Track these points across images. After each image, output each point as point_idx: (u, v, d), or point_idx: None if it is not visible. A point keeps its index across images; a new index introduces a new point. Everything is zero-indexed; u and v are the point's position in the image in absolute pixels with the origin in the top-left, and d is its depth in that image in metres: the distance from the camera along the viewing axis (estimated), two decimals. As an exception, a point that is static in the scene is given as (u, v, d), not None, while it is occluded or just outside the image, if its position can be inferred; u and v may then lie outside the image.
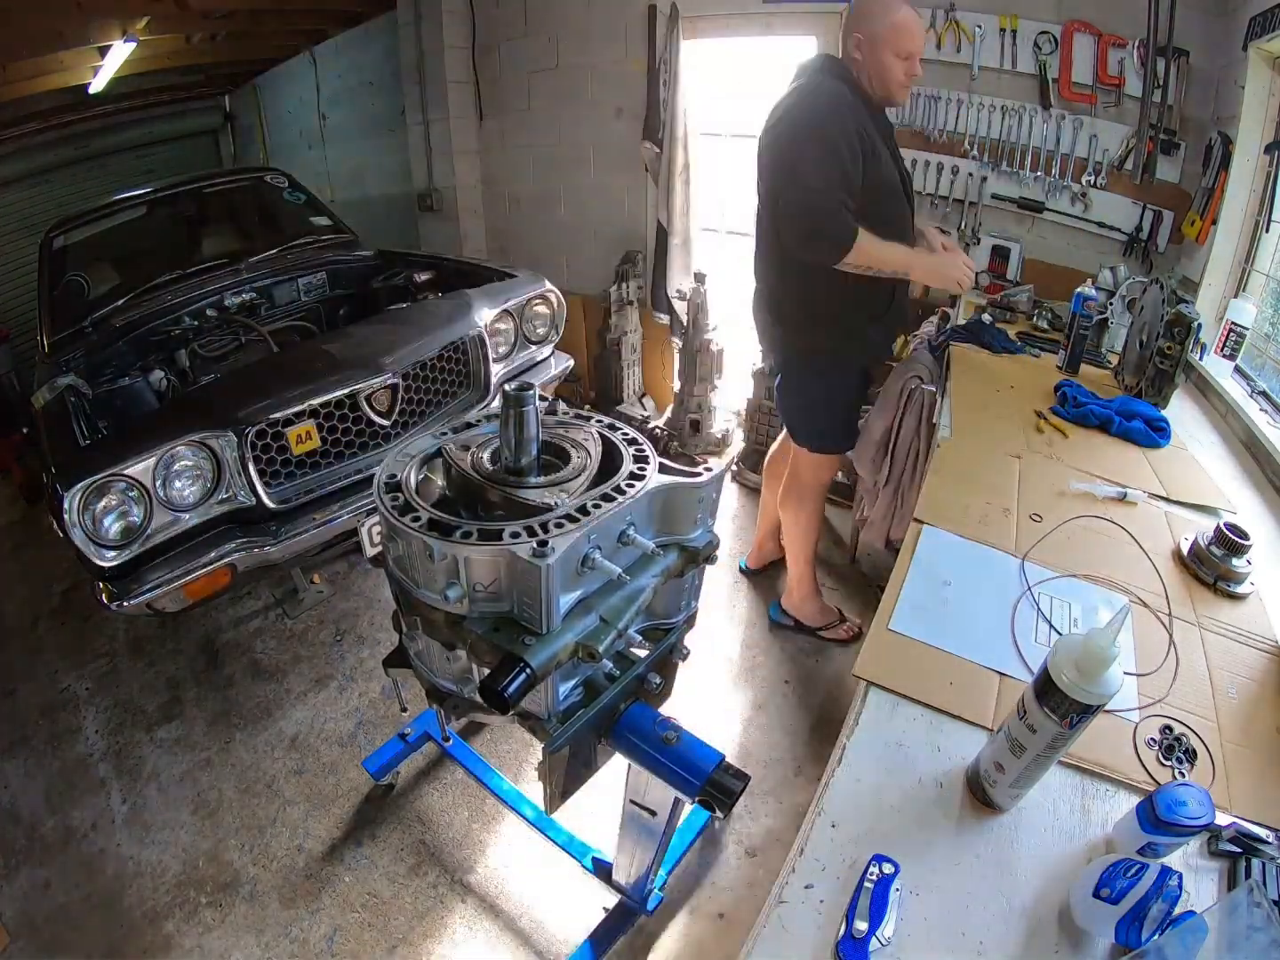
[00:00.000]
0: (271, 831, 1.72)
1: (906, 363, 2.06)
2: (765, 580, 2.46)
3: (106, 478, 1.55)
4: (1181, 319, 1.49)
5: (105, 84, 3.89)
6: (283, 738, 1.96)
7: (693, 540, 0.86)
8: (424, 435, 0.90)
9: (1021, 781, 0.69)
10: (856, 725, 0.80)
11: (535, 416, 0.80)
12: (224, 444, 1.70)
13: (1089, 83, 2.15)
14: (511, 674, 0.67)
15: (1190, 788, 0.65)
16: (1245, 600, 1.04)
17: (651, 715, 0.89)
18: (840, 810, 0.71)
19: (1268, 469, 1.45)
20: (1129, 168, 2.15)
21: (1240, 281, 1.88)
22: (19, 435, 3.52)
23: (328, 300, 2.72)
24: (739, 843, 1.65)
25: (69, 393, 1.98)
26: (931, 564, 1.05)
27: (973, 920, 0.63)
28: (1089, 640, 0.61)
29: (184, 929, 1.53)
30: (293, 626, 2.35)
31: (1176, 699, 0.86)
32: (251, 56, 4.61)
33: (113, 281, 2.66)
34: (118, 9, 3.02)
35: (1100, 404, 1.52)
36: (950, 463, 1.32)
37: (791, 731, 1.91)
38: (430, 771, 1.84)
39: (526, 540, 0.68)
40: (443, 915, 1.54)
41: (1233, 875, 0.67)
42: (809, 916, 0.63)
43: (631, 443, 0.87)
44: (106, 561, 1.57)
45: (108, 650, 2.32)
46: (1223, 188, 1.84)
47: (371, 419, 1.93)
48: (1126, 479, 1.29)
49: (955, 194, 2.46)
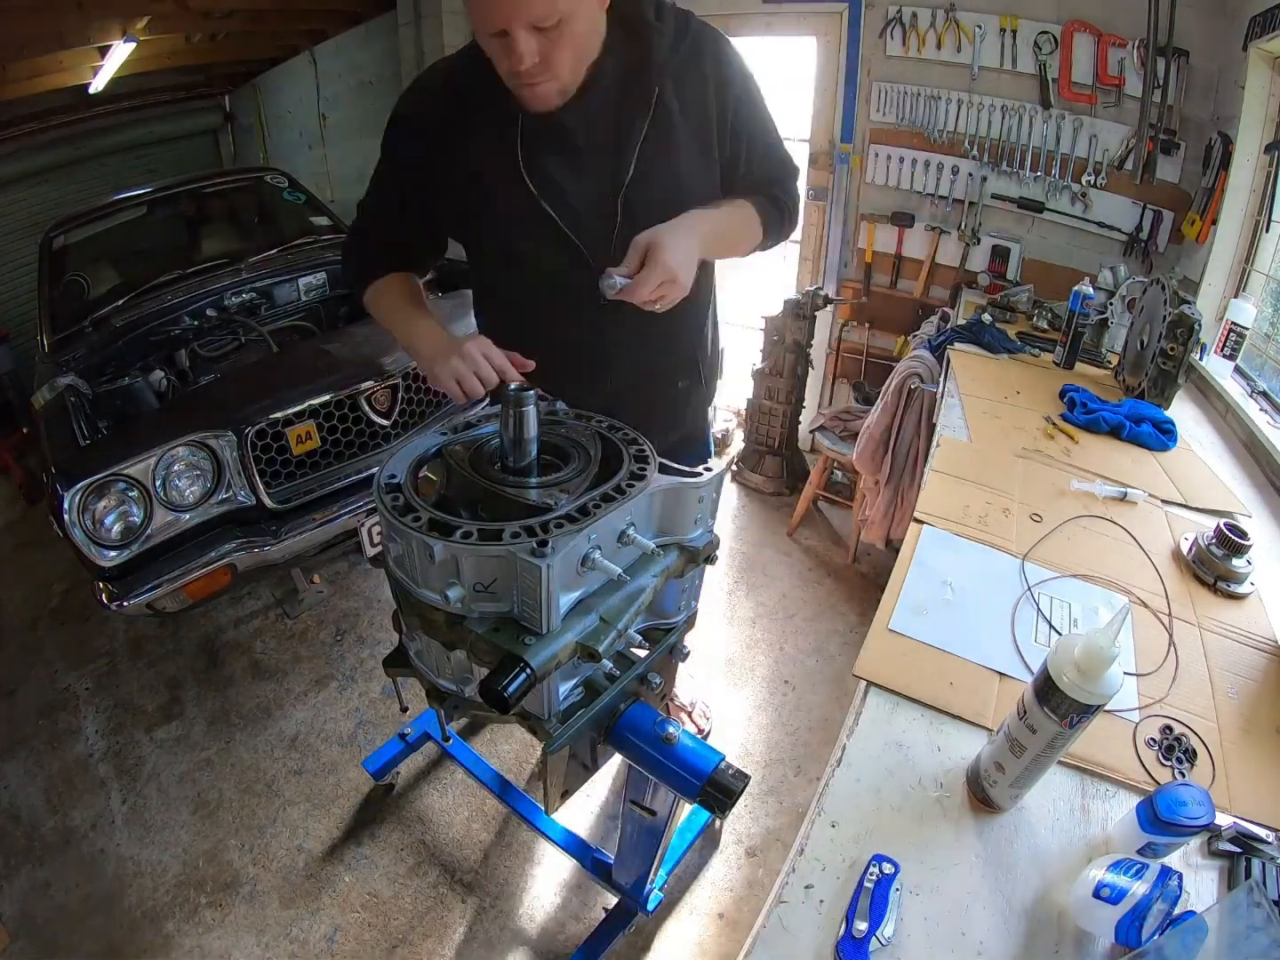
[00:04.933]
0: (271, 831, 1.72)
1: (906, 362, 2.06)
2: (764, 581, 2.46)
3: (106, 477, 1.55)
4: (1184, 319, 1.49)
5: (105, 84, 3.89)
6: (283, 738, 1.96)
7: (693, 540, 0.86)
8: (424, 435, 0.90)
9: (1021, 781, 0.69)
10: (856, 725, 0.80)
11: (535, 416, 0.80)
12: (224, 444, 1.70)
13: (1089, 83, 2.16)
14: (511, 674, 0.66)
15: (1190, 788, 0.65)
16: (1245, 600, 1.04)
17: (651, 715, 0.89)
18: (840, 810, 0.71)
19: (1268, 469, 1.45)
20: (1129, 168, 2.15)
21: (1240, 281, 1.88)
22: (19, 435, 3.52)
23: (328, 300, 2.71)
24: (739, 843, 1.65)
25: (69, 393, 1.98)
26: (931, 564, 1.05)
27: (973, 920, 0.63)
28: (1089, 640, 0.61)
29: (184, 929, 1.53)
30: (293, 626, 2.35)
31: (1176, 699, 0.86)
32: (251, 56, 4.61)
33: (113, 281, 2.65)
34: (118, 9, 3.02)
35: (1110, 409, 1.52)
36: (951, 462, 1.32)
37: (791, 731, 1.91)
38: (430, 771, 1.84)
39: (526, 540, 0.68)
40: (443, 915, 1.54)
41: (1233, 875, 0.67)
42: (809, 916, 0.63)
43: (631, 443, 0.87)
44: (106, 561, 1.57)
45: (108, 650, 2.32)
46: (1223, 188, 1.84)
47: (371, 419, 1.93)
48: (1142, 484, 1.29)
49: (955, 194, 2.47)
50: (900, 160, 2.52)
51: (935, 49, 2.33)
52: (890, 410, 2.06)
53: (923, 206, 2.56)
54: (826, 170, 2.69)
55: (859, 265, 2.76)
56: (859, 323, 2.85)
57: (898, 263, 2.68)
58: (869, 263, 2.72)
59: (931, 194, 2.51)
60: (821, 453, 2.48)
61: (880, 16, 2.38)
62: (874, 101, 2.50)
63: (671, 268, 0.85)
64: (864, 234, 2.69)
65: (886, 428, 2.08)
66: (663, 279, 0.86)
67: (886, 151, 2.54)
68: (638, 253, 0.87)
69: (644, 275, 0.85)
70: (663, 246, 0.85)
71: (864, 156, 2.59)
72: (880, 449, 2.12)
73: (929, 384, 1.95)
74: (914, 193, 2.55)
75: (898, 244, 2.65)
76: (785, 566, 2.53)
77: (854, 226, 2.72)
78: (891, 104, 2.47)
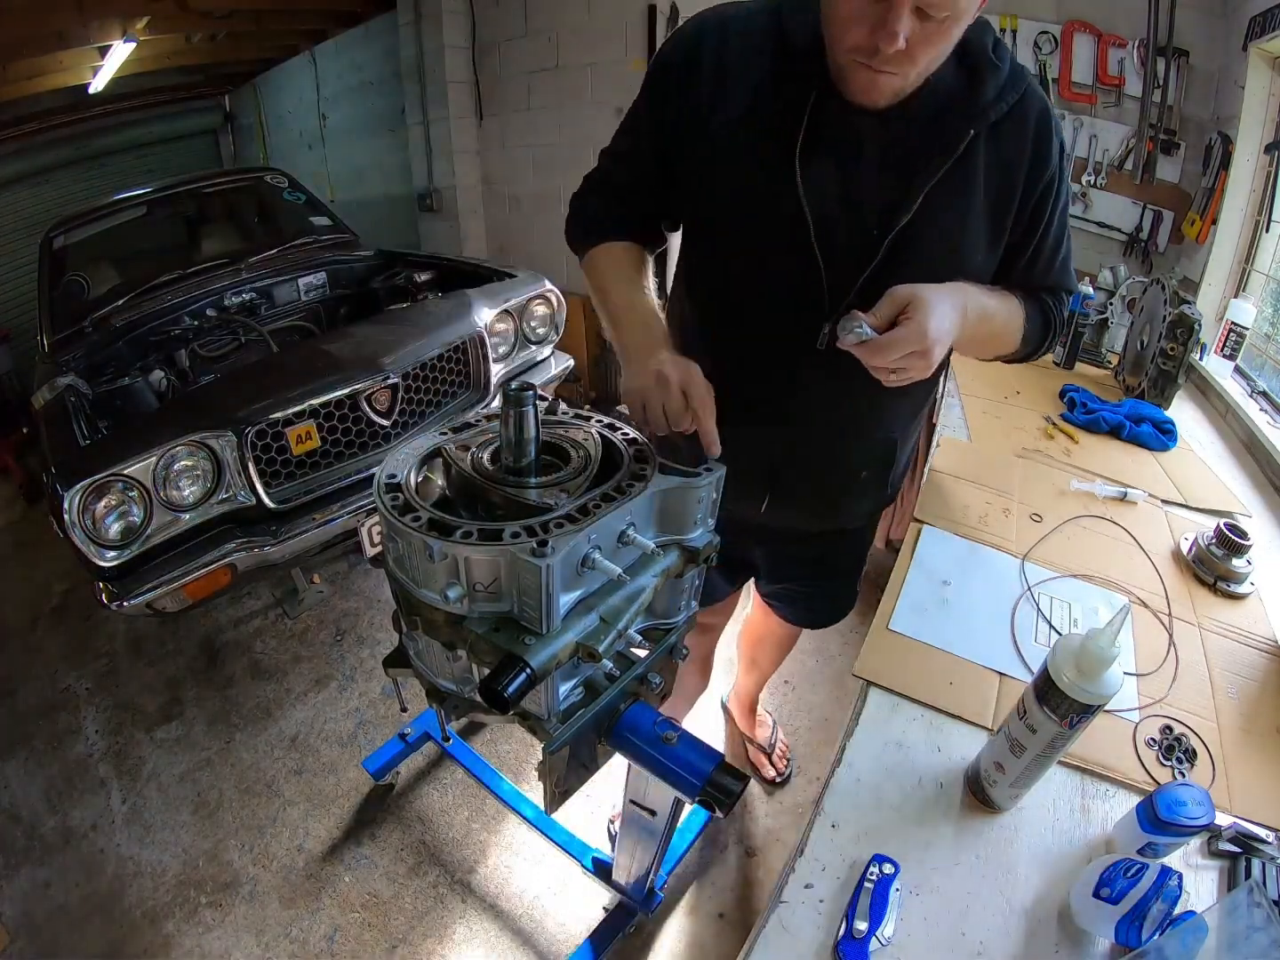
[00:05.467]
0: (271, 831, 1.72)
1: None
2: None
3: (106, 478, 1.55)
4: (1184, 319, 1.49)
5: (105, 84, 3.89)
6: (283, 738, 1.96)
7: (693, 540, 0.86)
8: (424, 435, 0.90)
9: (1021, 781, 0.69)
10: (856, 725, 0.80)
11: (535, 416, 0.80)
12: (224, 444, 1.70)
13: (1089, 83, 2.15)
14: (511, 674, 0.66)
15: (1190, 788, 0.65)
16: (1245, 600, 1.04)
17: (651, 715, 0.89)
18: (840, 810, 0.71)
19: (1268, 469, 1.45)
20: (1129, 168, 2.15)
21: (1240, 281, 1.88)
22: (19, 435, 3.52)
23: (328, 300, 2.72)
24: (739, 843, 1.65)
25: (69, 393, 1.98)
26: (931, 564, 1.05)
27: (973, 920, 0.63)
28: (1089, 640, 0.61)
29: (184, 929, 1.53)
30: (293, 626, 2.35)
31: (1176, 699, 0.86)
32: (251, 56, 4.62)
33: (113, 281, 2.65)
34: (118, 9, 3.02)
35: (1110, 409, 1.52)
36: (950, 462, 1.32)
37: (791, 731, 1.91)
38: (430, 771, 1.84)
39: (526, 540, 0.68)
40: (443, 915, 1.54)
41: (1233, 875, 0.67)
42: (809, 916, 0.63)
43: (631, 443, 0.87)
44: (106, 561, 1.57)
45: (108, 650, 2.32)
46: (1223, 188, 1.84)
47: (371, 419, 1.93)
48: (1142, 485, 1.29)
49: (955, 194, 2.46)
50: (900, 160, 2.52)
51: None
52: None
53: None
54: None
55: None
56: (859, 323, 2.85)
57: (898, 263, 2.68)
58: (869, 263, 2.72)
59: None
60: (821, 453, 2.48)
61: (880, 16, 2.38)
62: (874, 101, 2.49)
63: (930, 338, 0.72)
64: (864, 234, 2.69)
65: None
66: (915, 348, 0.72)
67: (886, 151, 2.53)
68: (894, 306, 0.73)
69: (897, 335, 0.72)
70: (929, 311, 0.72)
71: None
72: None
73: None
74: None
75: (898, 244, 2.65)
76: (785, 566, 2.53)
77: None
78: (891, 104, 2.46)
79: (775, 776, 1.77)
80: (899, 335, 0.72)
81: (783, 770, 1.79)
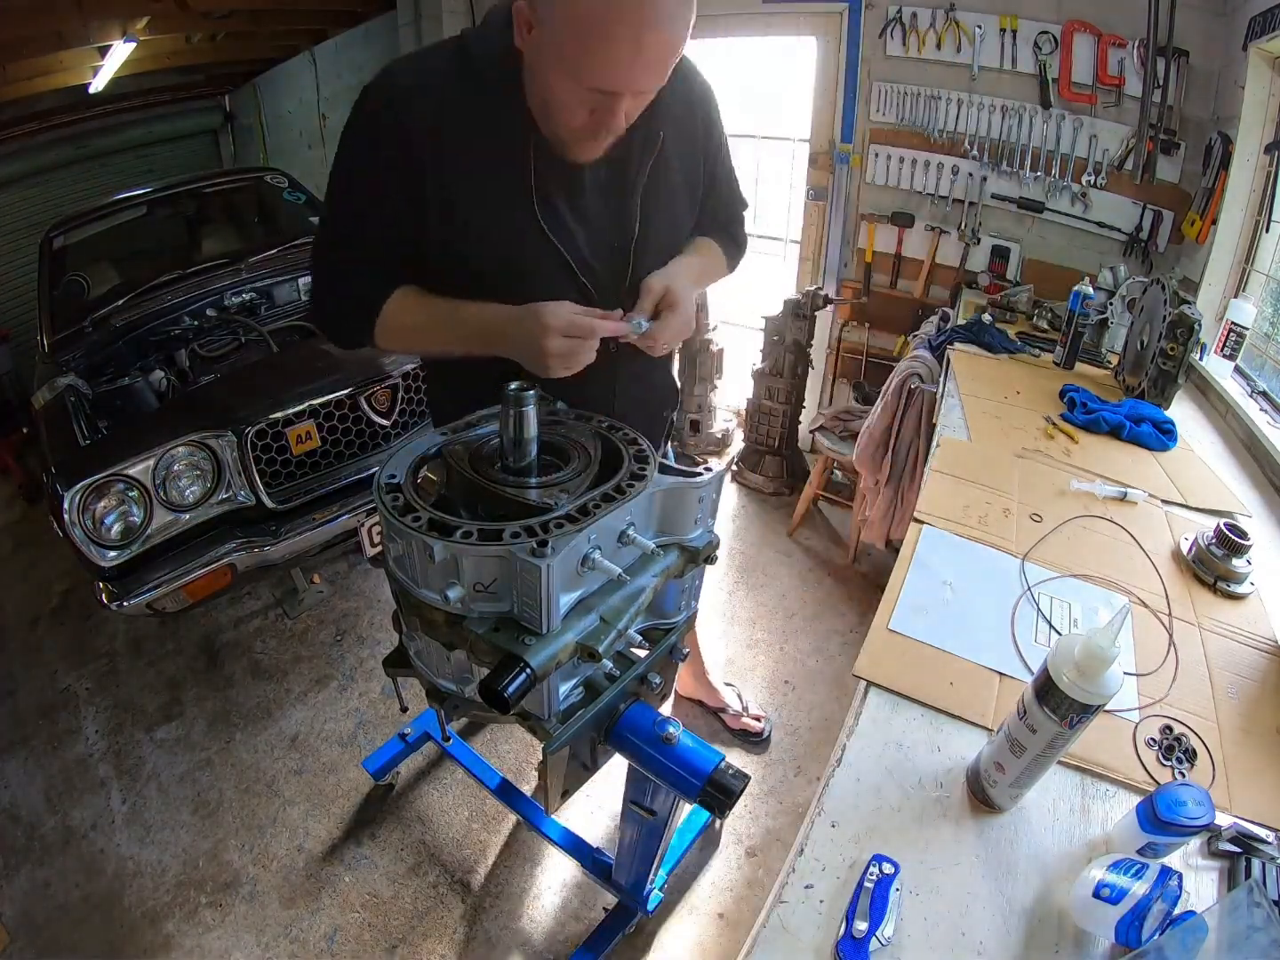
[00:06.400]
0: (271, 831, 1.72)
1: (906, 362, 2.06)
2: (764, 581, 2.46)
3: (106, 478, 1.55)
4: (1184, 319, 1.49)
5: (105, 84, 3.89)
6: (283, 738, 1.96)
7: (693, 540, 0.86)
8: (424, 435, 0.90)
9: (1021, 781, 0.69)
10: (856, 725, 0.80)
11: (535, 416, 0.80)
12: (224, 444, 1.71)
13: (1089, 83, 2.15)
14: (511, 674, 0.66)
15: (1190, 788, 0.64)
16: (1245, 600, 1.04)
17: (651, 715, 0.89)
18: (840, 810, 0.71)
19: (1268, 469, 1.45)
20: (1129, 168, 2.15)
21: (1240, 281, 1.88)
22: (19, 435, 3.52)
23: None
24: (739, 843, 1.65)
25: (69, 393, 1.98)
26: (931, 564, 1.05)
27: (973, 920, 0.63)
28: (1089, 640, 0.61)
29: (184, 929, 1.53)
30: (293, 626, 2.35)
31: (1176, 699, 0.86)
32: (251, 56, 4.61)
33: (113, 281, 2.66)
34: (118, 9, 3.02)
35: (1110, 409, 1.52)
36: (951, 462, 1.32)
37: (791, 731, 1.91)
38: (430, 771, 1.84)
39: (526, 540, 0.68)
40: (443, 915, 1.54)
41: (1233, 875, 0.67)
42: (809, 916, 0.63)
43: (631, 443, 0.87)
44: (106, 561, 1.57)
45: (108, 650, 2.32)
46: (1223, 188, 1.84)
47: (371, 419, 1.93)
48: (1142, 485, 1.29)
49: (955, 194, 2.46)
50: (900, 160, 2.52)
51: (935, 49, 2.33)
52: (890, 410, 2.06)
53: (923, 206, 2.55)
54: (826, 170, 2.69)
55: (859, 265, 2.76)
56: (859, 323, 2.85)
57: (898, 263, 2.68)
58: (869, 263, 2.72)
59: (931, 194, 2.50)
60: (821, 453, 2.48)
61: (880, 16, 2.38)
62: (874, 101, 2.49)
63: (689, 314, 0.91)
64: (864, 234, 2.69)
65: (886, 428, 2.08)
66: (684, 327, 0.91)
67: (886, 151, 2.54)
68: (653, 298, 0.89)
69: (667, 322, 0.89)
70: (679, 295, 0.89)
71: (864, 156, 2.59)
72: (880, 449, 2.12)
73: (929, 384, 1.95)
74: (914, 193, 2.55)
75: (898, 244, 2.65)
76: (785, 567, 2.53)
77: (854, 226, 2.72)
78: (891, 104, 2.47)
79: (762, 729, 1.86)
80: (668, 322, 0.89)
81: (761, 723, 1.88)
